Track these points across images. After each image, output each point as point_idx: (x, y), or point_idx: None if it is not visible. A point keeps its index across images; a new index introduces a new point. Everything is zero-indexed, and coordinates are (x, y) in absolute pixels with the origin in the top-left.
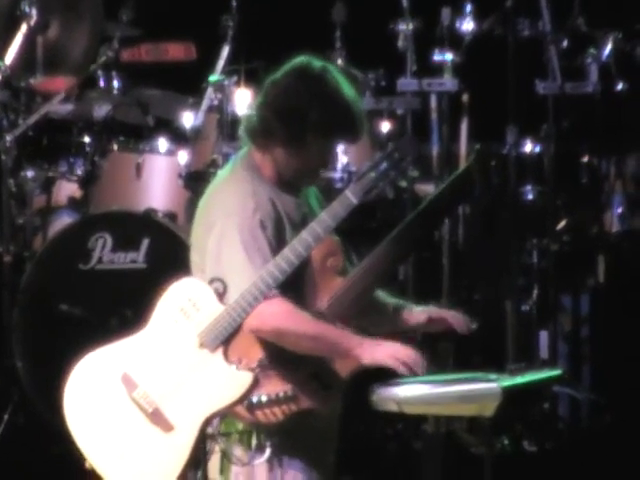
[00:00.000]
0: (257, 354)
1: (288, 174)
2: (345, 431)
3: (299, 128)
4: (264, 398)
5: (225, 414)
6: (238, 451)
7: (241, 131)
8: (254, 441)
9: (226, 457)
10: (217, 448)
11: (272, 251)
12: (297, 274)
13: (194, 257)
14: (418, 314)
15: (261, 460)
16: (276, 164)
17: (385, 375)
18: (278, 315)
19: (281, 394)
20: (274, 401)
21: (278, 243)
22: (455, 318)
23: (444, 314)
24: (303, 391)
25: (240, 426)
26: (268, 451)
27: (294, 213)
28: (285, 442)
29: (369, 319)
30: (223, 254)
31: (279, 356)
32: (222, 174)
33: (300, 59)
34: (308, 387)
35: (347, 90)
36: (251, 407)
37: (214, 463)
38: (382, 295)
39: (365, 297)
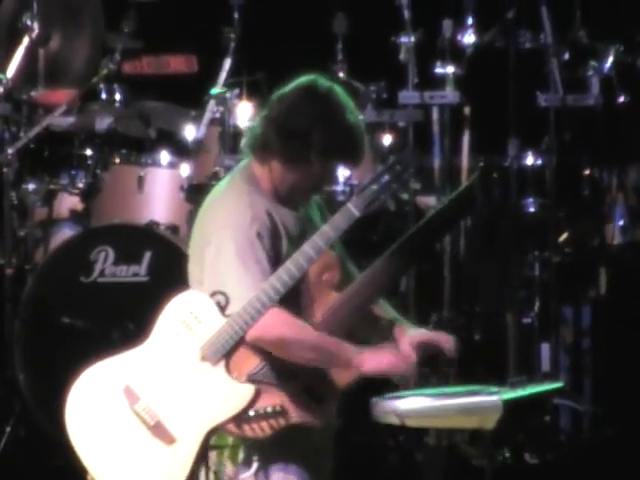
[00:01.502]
0: (249, 367)
1: (283, 189)
2: (345, 442)
3: (299, 148)
4: (252, 412)
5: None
6: (228, 467)
7: (243, 142)
8: (241, 455)
9: (217, 476)
10: (210, 462)
11: (270, 262)
12: (294, 288)
13: (192, 269)
14: (409, 338)
15: (247, 475)
16: (273, 179)
17: (383, 386)
18: (279, 325)
19: (269, 409)
20: (262, 415)
21: (275, 254)
22: (445, 342)
23: (434, 338)
24: (294, 405)
25: (230, 440)
26: (255, 465)
27: (292, 226)
28: (274, 456)
29: (361, 331)
30: (221, 266)
31: (270, 369)
32: (221, 185)
33: (308, 77)
34: (299, 401)
35: (351, 113)
36: (239, 421)
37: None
38: (378, 308)
39: (361, 312)
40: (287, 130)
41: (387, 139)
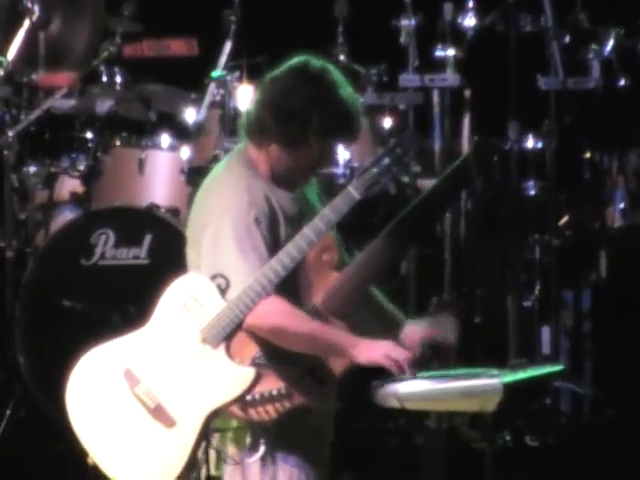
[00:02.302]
0: (251, 352)
1: (281, 172)
2: (345, 426)
3: (297, 130)
4: (257, 396)
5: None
6: (231, 449)
7: (239, 126)
8: (248, 439)
9: (219, 456)
10: (213, 444)
11: (267, 247)
12: (292, 269)
13: (190, 253)
14: (409, 334)
15: (254, 458)
16: (270, 161)
17: (382, 371)
18: (275, 313)
19: (274, 392)
20: (267, 399)
21: (273, 238)
22: (443, 333)
23: (432, 333)
24: (297, 388)
25: (234, 423)
26: (262, 449)
27: (289, 208)
28: (279, 439)
29: (361, 316)
30: (218, 252)
31: (273, 353)
32: (217, 169)
33: (299, 58)
34: (302, 384)
35: (345, 90)
36: (244, 405)
37: (211, 458)
38: (379, 298)
39: (361, 292)
40: (284, 113)
41: (387, 122)
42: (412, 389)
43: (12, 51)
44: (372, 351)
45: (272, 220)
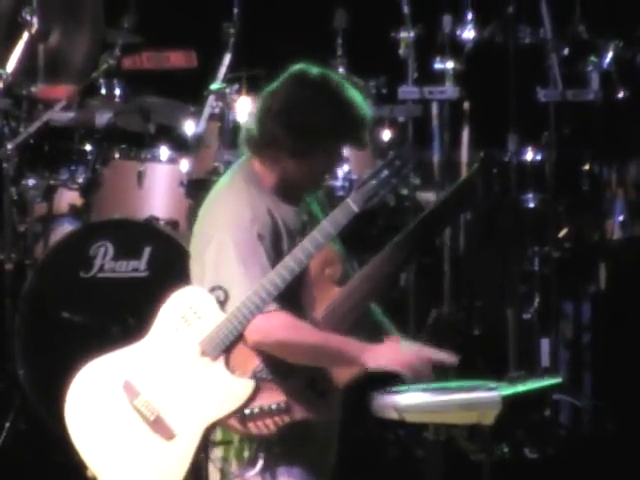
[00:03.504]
0: (252, 365)
1: (290, 183)
2: (345, 436)
3: (310, 138)
4: (257, 410)
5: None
6: (233, 464)
7: (241, 141)
8: (246, 453)
9: (220, 472)
10: (214, 457)
11: (270, 262)
12: (295, 283)
13: (194, 268)
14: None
15: (253, 472)
16: (283, 174)
17: (387, 380)
18: (279, 328)
19: (274, 406)
20: (267, 413)
21: (276, 253)
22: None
23: (426, 354)
24: (298, 401)
25: (236, 437)
26: (260, 463)
27: (292, 222)
28: (282, 451)
29: (361, 332)
30: (220, 265)
31: (274, 367)
32: (221, 184)
33: (297, 67)
34: (303, 397)
35: (350, 92)
36: (243, 419)
37: (214, 472)
38: (376, 313)
39: (362, 307)
40: (295, 124)
41: (386, 134)
42: (411, 401)
43: (11, 63)
44: (382, 356)
45: (275, 234)
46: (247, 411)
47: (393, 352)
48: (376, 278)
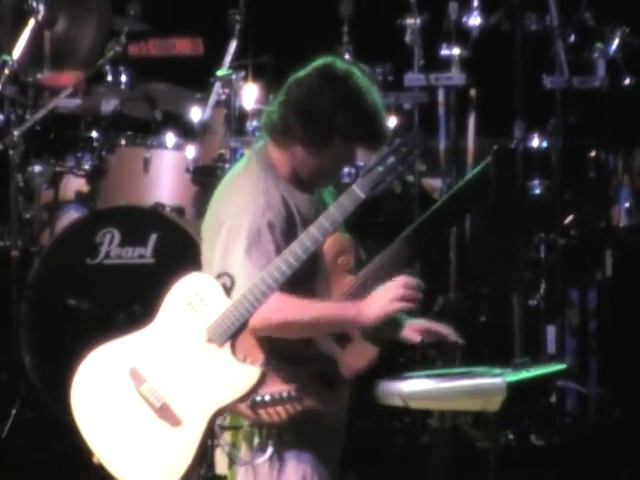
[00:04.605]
0: (262, 354)
1: (303, 173)
2: (350, 425)
3: (322, 132)
4: (268, 397)
5: (230, 411)
6: (243, 449)
7: (260, 124)
8: (256, 440)
9: (229, 457)
10: (223, 442)
11: (279, 252)
12: (309, 271)
13: (205, 252)
14: (409, 331)
15: (263, 459)
16: (293, 162)
17: (387, 369)
18: (274, 310)
19: (285, 394)
20: (278, 401)
21: (288, 242)
22: (446, 331)
23: (435, 327)
24: (307, 391)
25: (246, 422)
26: (270, 450)
27: (307, 210)
28: (288, 442)
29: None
30: (229, 253)
31: (284, 355)
32: (237, 168)
33: (325, 60)
34: (312, 386)
35: (371, 95)
36: (254, 406)
37: (222, 457)
38: None
39: None
40: (310, 115)
41: (393, 121)
42: (416, 388)
43: (18, 50)
44: (375, 307)
45: (288, 223)
46: (258, 398)
47: (381, 298)
48: (391, 267)
